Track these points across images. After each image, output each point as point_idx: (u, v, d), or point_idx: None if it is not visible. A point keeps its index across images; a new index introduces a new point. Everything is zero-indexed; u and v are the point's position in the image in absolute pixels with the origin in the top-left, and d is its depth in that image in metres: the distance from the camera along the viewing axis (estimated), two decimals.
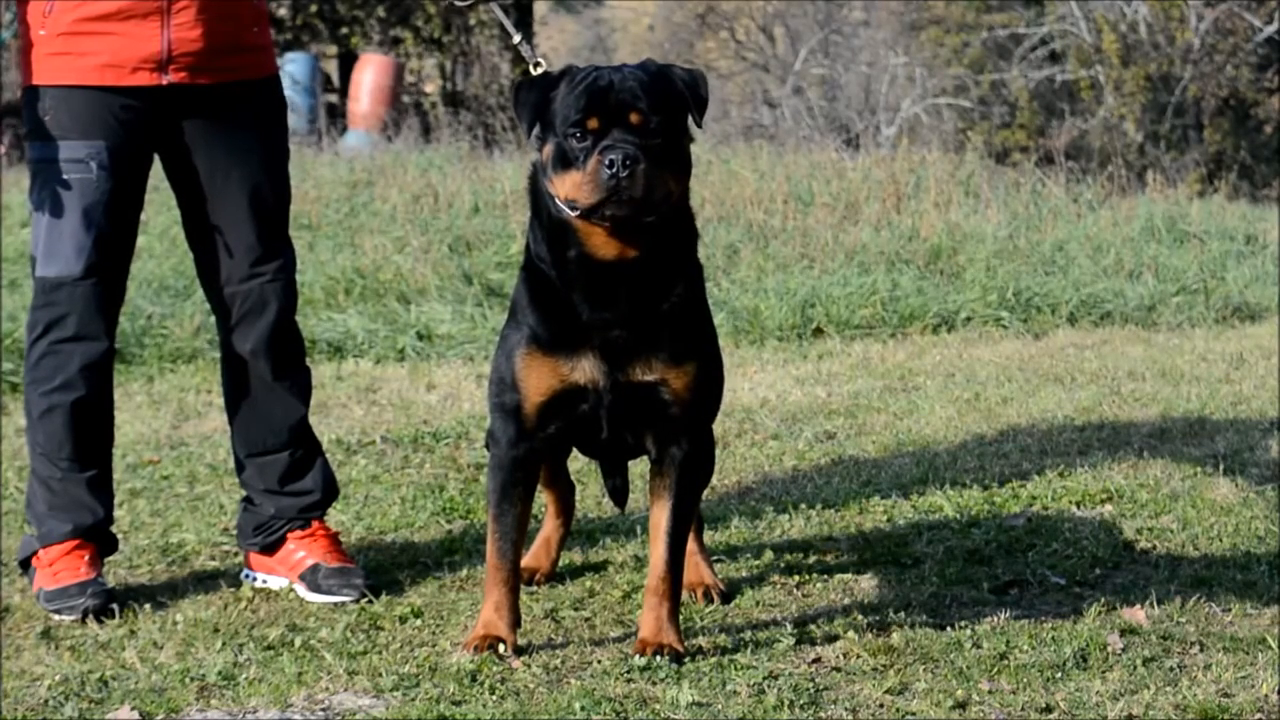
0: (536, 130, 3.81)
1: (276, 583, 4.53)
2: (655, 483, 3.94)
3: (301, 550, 4.51)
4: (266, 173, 4.44)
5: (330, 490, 4.64)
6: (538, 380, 3.82)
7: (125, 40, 4.26)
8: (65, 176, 4.27)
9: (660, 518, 3.92)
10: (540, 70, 3.99)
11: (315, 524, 4.57)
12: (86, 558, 4.37)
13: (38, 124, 4.30)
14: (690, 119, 3.81)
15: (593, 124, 3.68)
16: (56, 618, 4.27)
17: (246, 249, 4.43)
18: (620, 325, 3.78)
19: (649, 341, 3.81)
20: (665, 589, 3.89)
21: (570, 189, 3.69)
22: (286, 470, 4.55)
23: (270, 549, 4.55)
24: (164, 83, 4.30)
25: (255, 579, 4.56)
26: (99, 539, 4.45)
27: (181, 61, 4.30)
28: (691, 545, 4.32)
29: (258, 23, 4.46)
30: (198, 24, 4.29)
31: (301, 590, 4.47)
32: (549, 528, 4.60)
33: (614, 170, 3.61)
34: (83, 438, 4.38)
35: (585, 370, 3.81)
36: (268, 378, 4.49)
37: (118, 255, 4.36)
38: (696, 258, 3.97)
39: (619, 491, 4.50)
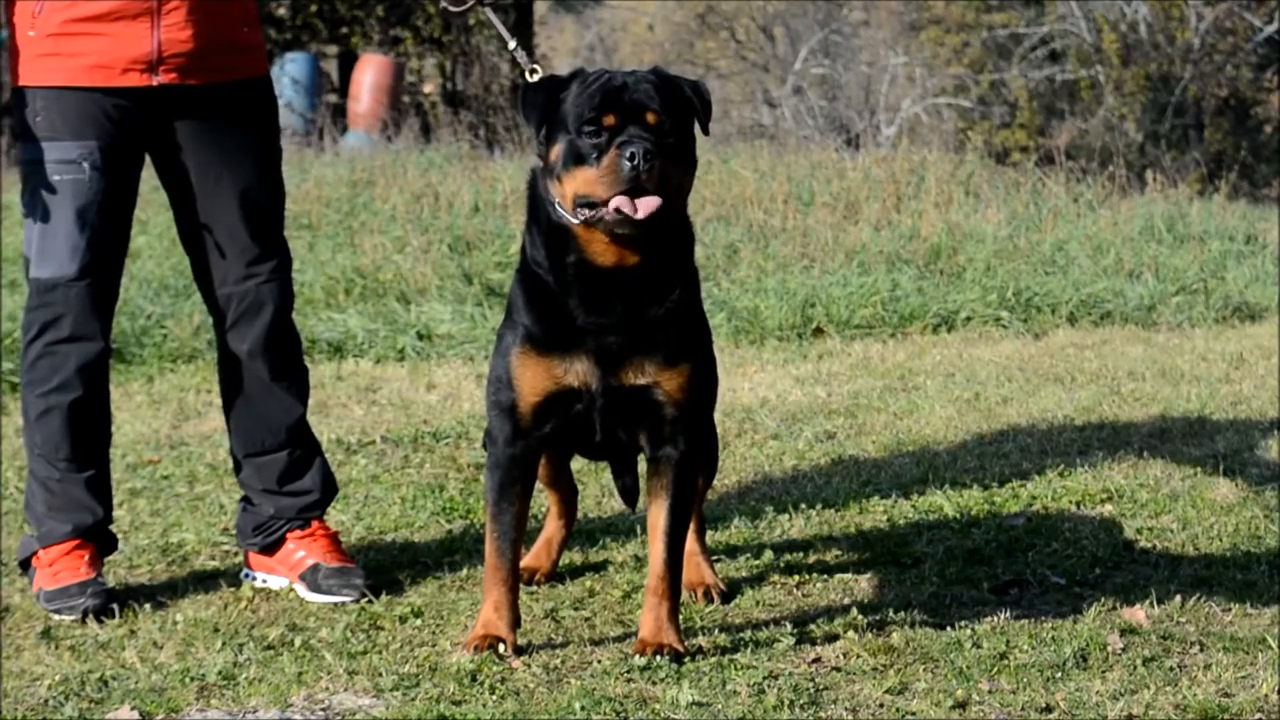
0: (543, 132, 3.81)
1: (276, 582, 4.53)
2: (652, 483, 3.95)
3: (301, 550, 4.51)
4: (259, 173, 4.44)
5: (329, 490, 4.64)
6: (532, 380, 3.84)
7: (115, 41, 4.25)
8: (58, 177, 4.26)
9: (658, 517, 3.93)
10: (537, 76, 4.00)
11: (315, 524, 4.57)
12: (86, 557, 4.37)
13: (29, 126, 4.29)
14: (696, 125, 3.84)
15: (609, 121, 3.69)
16: (56, 618, 4.27)
17: (241, 250, 4.43)
18: (615, 330, 3.80)
19: (643, 346, 3.82)
20: (664, 588, 3.90)
21: (584, 184, 3.68)
22: (285, 470, 4.55)
23: (270, 549, 4.55)
24: (154, 84, 4.29)
25: (255, 579, 4.56)
26: (99, 539, 4.45)
27: (172, 62, 4.29)
28: (693, 545, 4.35)
29: (248, 22, 4.45)
30: (188, 24, 4.28)
31: (302, 590, 4.47)
32: (551, 528, 4.60)
33: (634, 163, 3.62)
34: (80, 438, 4.38)
35: (579, 373, 3.82)
36: (265, 378, 4.49)
37: (112, 255, 4.36)
38: (692, 264, 3.96)
39: (629, 491, 4.50)
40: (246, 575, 4.59)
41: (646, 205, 3.66)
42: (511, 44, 4.30)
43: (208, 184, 4.40)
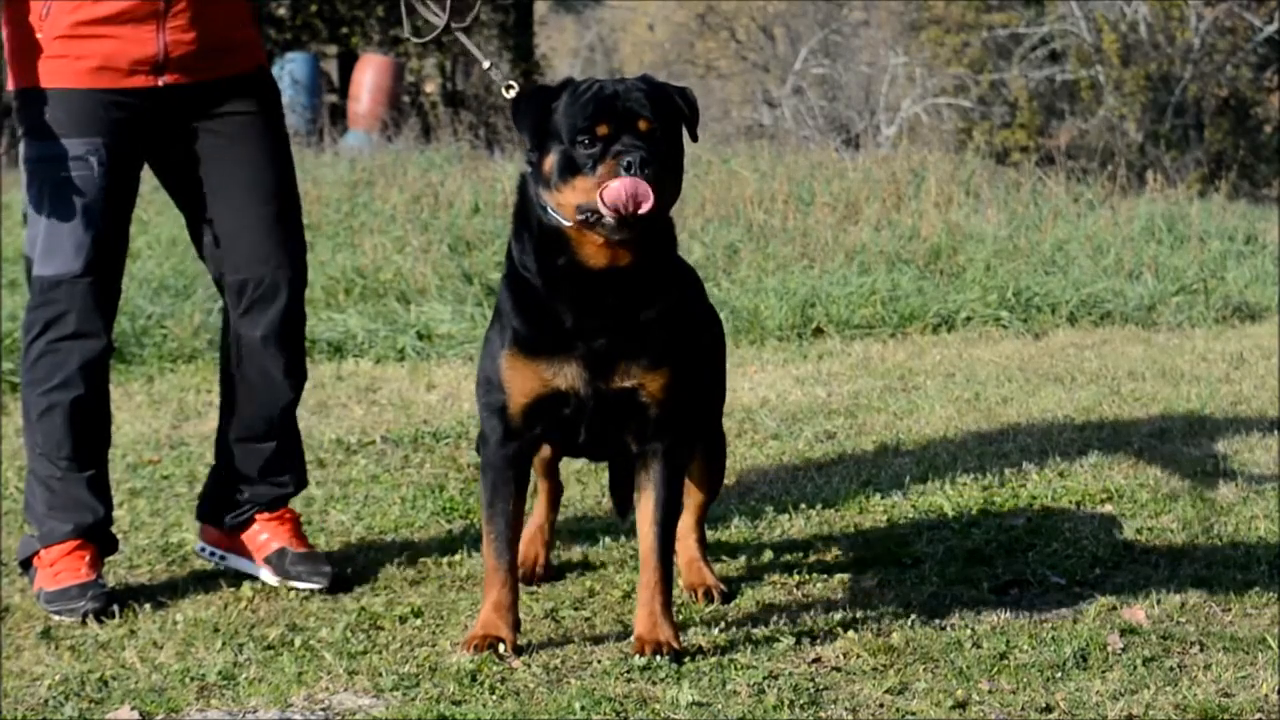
0: (534, 142, 3.82)
1: (236, 562, 4.56)
2: (640, 478, 3.98)
3: (266, 533, 4.55)
4: (270, 162, 4.46)
5: (302, 484, 4.70)
6: (521, 383, 3.87)
7: (121, 43, 4.28)
8: (64, 174, 4.27)
9: (646, 511, 3.96)
10: (513, 93, 4.04)
11: (283, 508, 4.61)
12: (87, 558, 4.37)
13: (34, 124, 4.29)
14: (685, 132, 3.87)
15: (603, 130, 3.71)
16: (56, 618, 4.27)
17: (257, 237, 4.43)
18: (603, 333, 3.82)
19: (630, 348, 3.85)
20: (655, 581, 3.92)
21: (581, 195, 3.70)
22: (269, 460, 4.59)
23: (236, 529, 4.58)
24: (159, 84, 4.31)
25: (211, 554, 4.60)
26: (99, 539, 4.45)
27: (176, 64, 4.32)
28: (694, 550, 4.41)
29: (245, 20, 4.48)
30: (192, 27, 4.32)
31: (266, 575, 4.50)
32: (541, 516, 4.61)
33: (630, 173, 3.65)
34: (82, 437, 4.38)
35: (567, 377, 3.85)
36: (271, 364, 4.51)
37: (114, 252, 4.37)
38: (681, 263, 4.00)
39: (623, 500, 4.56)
40: (201, 550, 4.62)
41: (648, 198, 3.67)
42: (485, 64, 4.36)
43: (220, 177, 4.42)
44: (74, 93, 4.28)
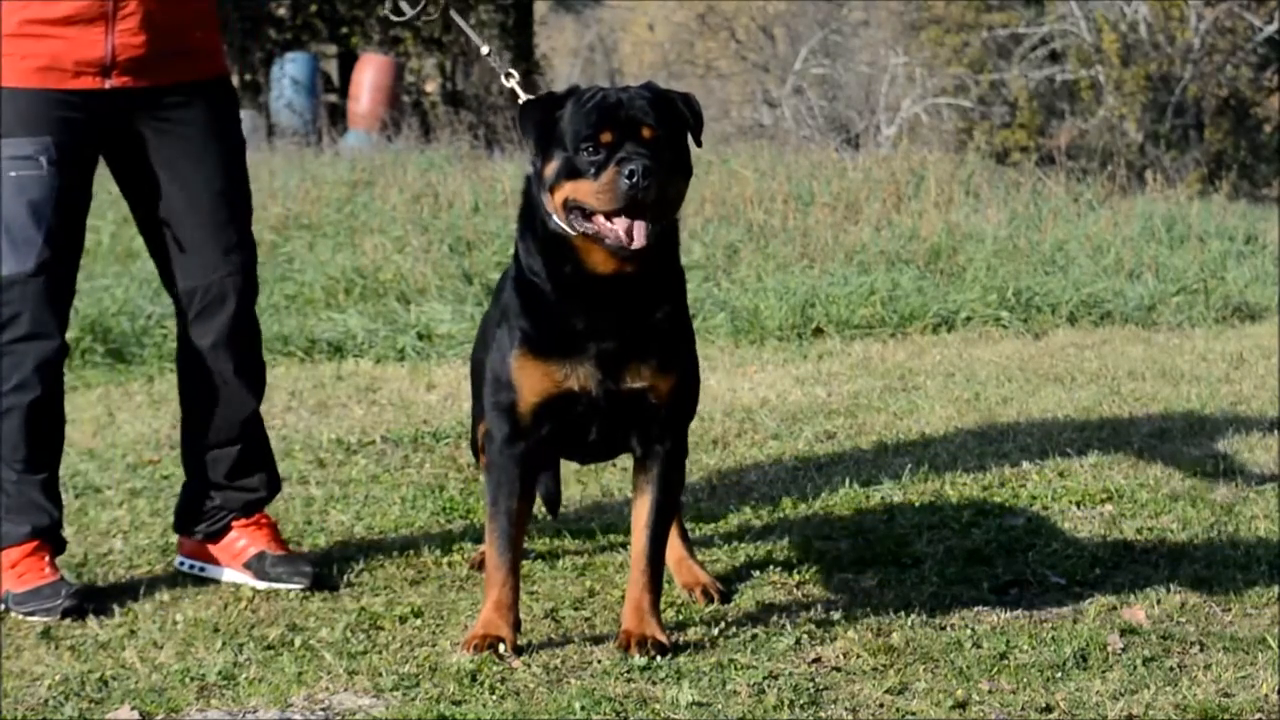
0: (539, 148, 3.83)
1: (215, 572, 4.56)
2: (639, 478, 4.00)
3: (244, 539, 4.56)
4: (221, 169, 4.46)
5: (274, 489, 4.70)
6: (532, 384, 3.88)
7: (68, 44, 4.27)
8: (13, 173, 4.25)
9: (642, 510, 3.98)
10: (512, 81, 4.10)
11: (258, 513, 4.61)
12: (48, 559, 4.36)
13: None
14: (690, 137, 3.89)
15: (606, 138, 3.73)
16: (33, 619, 4.24)
17: (204, 245, 4.46)
18: (613, 335, 3.84)
19: (640, 350, 3.87)
20: (646, 580, 3.94)
21: (577, 193, 3.72)
22: (235, 465, 4.59)
23: (213, 537, 4.58)
24: (106, 86, 4.31)
25: (188, 565, 4.60)
26: (54, 541, 4.44)
27: (124, 66, 4.31)
28: (681, 551, 4.43)
29: (203, 26, 4.46)
30: (141, 30, 4.30)
31: (247, 579, 4.49)
32: None
33: (633, 180, 3.67)
34: (36, 440, 4.35)
35: (579, 378, 3.86)
36: (225, 371, 4.53)
37: (68, 252, 4.35)
38: (679, 266, 4.00)
39: (552, 497, 4.63)
40: (180, 564, 4.62)
41: (640, 234, 3.70)
42: (485, 50, 4.39)
43: (168, 182, 4.42)
44: (21, 92, 4.27)
